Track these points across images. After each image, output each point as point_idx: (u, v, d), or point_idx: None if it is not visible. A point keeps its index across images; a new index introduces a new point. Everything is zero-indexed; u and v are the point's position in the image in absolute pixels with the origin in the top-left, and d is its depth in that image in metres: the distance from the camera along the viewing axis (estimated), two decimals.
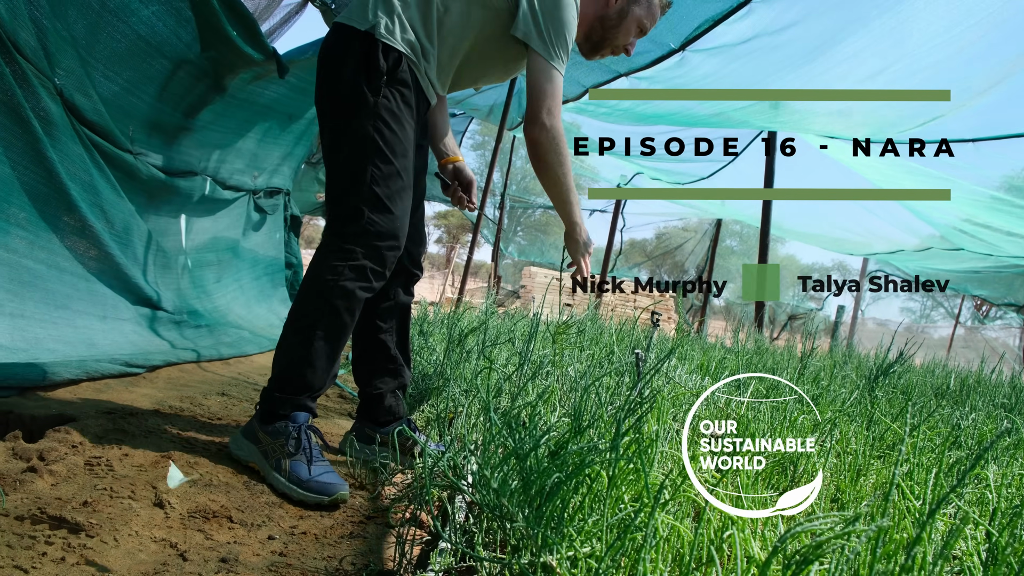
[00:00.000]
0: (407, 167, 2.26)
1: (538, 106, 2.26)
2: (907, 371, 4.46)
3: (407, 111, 2.25)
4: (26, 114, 2.96)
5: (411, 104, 2.27)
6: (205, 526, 1.75)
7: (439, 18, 2.28)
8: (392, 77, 2.20)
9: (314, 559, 1.68)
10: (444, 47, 2.32)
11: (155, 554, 1.56)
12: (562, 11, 2.27)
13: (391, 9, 2.22)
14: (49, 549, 1.48)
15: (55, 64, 3.11)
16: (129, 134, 3.87)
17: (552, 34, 2.26)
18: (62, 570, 1.41)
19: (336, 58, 2.24)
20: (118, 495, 1.79)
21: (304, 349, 2.18)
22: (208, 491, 1.95)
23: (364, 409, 2.60)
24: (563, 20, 2.27)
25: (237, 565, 1.57)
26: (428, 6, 2.26)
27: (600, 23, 2.51)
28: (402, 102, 2.23)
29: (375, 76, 2.17)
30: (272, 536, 1.77)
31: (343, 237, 2.18)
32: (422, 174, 2.56)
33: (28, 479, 1.78)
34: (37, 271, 3.17)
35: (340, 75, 2.21)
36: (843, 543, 0.98)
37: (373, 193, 2.17)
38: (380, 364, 2.58)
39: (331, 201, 2.25)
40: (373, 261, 2.19)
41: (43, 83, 3.05)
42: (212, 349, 4.15)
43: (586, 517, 1.38)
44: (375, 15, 2.20)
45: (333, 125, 2.25)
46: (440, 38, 2.30)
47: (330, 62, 2.26)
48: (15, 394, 2.50)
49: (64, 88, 3.21)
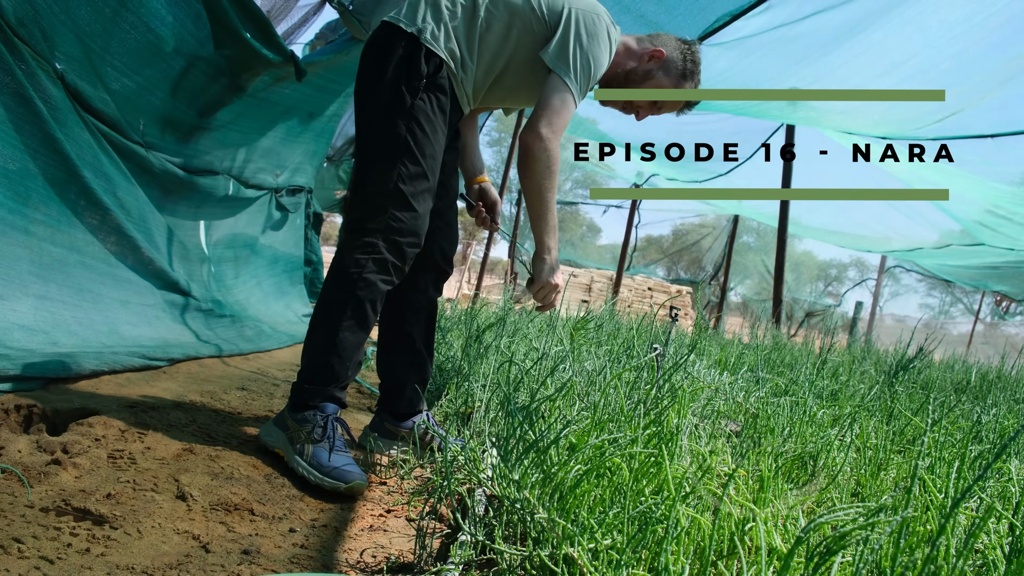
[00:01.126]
0: (434, 169, 2.29)
1: (541, 116, 2.28)
2: (927, 366, 4.42)
3: (441, 117, 2.29)
4: (30, 94, 2.98)
5: (445, 111, 2.30)
6: (227, 518, 1.76)
7: (481, 34, 2.32)
8: (431, 82, 2.24)
9: (335, 552, 1.69)
10: (481, 63, 2.36)
11: (178, 546, 1.57)
12: (596, 47, 2.32)
13: (439, 16, 2.27)
14: (74, 540, 1.49)
15: (55, 48, 3.13)
16: (140, 128, 3.88)
17: (579, 63, 2.30)
18: (87, 561, 1.42)
19: (380, 55, 2.27)
20: (141, 487, 1.81)
21: (330, 340, 2.23)
22: (230, 484, 1.96)
23: (384, 402, 2.63)
24: (594, 55, 2.32)
25: (259, 557, 1.58)
26: (473, 20, 2.30)
27: (625, 75, 2.56)
28: (437, 107, 2.27)
29: (415, 78, 2.22)
30: (293, 529, 1.78)
31: (366, 231, 2.21)
32: (453, 175, 2.60)
33: (52, 471, 1.80)
34: (59, 254, 3.21)
35: (382, 73, 2.25)
36: (866, 534, 0.98)
37: (399, 191, 2.20)
38: (404, 356, 2.60)
39: (357, 195, 2.28)
40: (394, 256, 2.23)
41: (41, 65, 3.07)
42: (233, 343, 4.18)
43: (607, 509, 1.38)
44: (424, 20, 2.26)
45: (369, 120, 2.29)
46: (479, 53, 2.34)
47: (374, 58, 2.29)
48: (39, 387, 2.53)
49: (65, 73, 3.23)
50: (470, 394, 2.95)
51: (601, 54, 2.35)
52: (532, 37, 2.34)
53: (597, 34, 2.33)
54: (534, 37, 2.34)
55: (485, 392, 2.60)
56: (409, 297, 2.59)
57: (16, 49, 2.92)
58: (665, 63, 2.54)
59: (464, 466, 1.76)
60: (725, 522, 1.37)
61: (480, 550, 1.54)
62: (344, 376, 2.28)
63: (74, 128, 3.32)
